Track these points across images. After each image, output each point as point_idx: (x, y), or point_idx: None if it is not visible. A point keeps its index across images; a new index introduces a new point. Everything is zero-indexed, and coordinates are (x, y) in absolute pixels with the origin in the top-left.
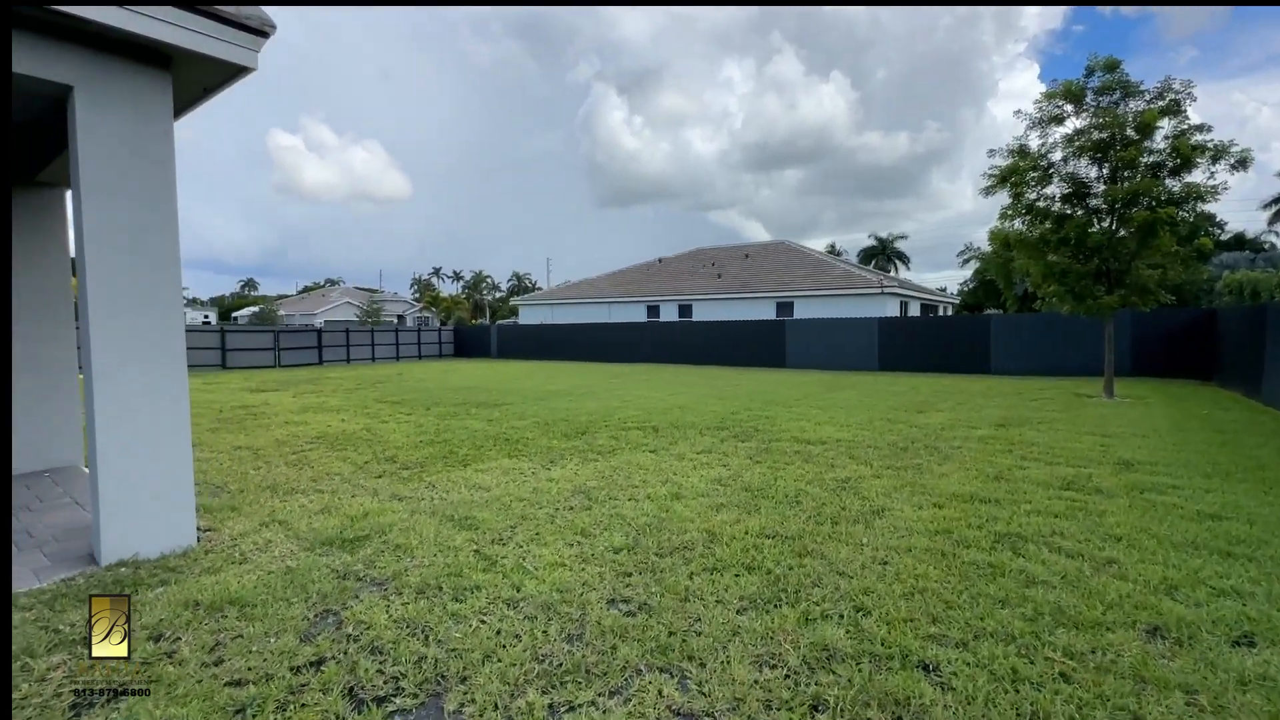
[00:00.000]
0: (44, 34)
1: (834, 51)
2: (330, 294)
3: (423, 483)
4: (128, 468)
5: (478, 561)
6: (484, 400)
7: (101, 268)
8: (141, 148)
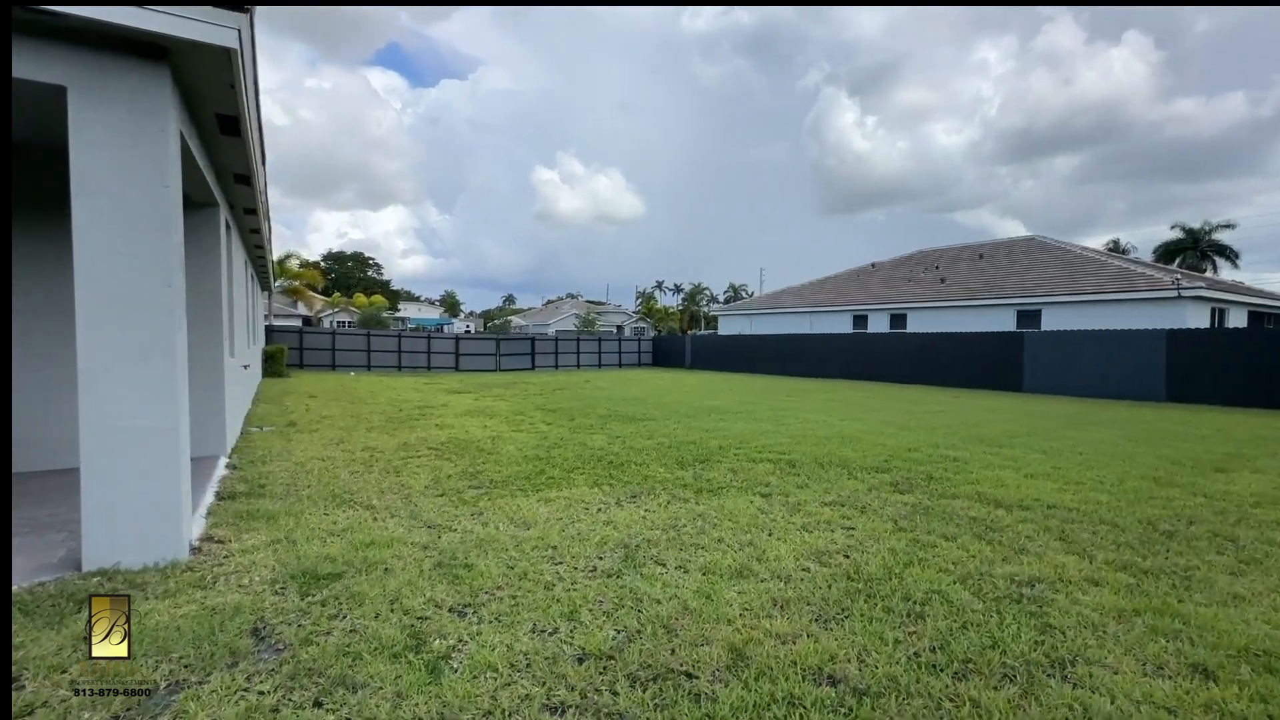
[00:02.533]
0: (35, 35)
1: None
2: (562, 306)
3: (474, 509)
4: (113, 472)
5: (405, 638)
6: (631, 414)
7: (90, 267)
8: (133, 145)
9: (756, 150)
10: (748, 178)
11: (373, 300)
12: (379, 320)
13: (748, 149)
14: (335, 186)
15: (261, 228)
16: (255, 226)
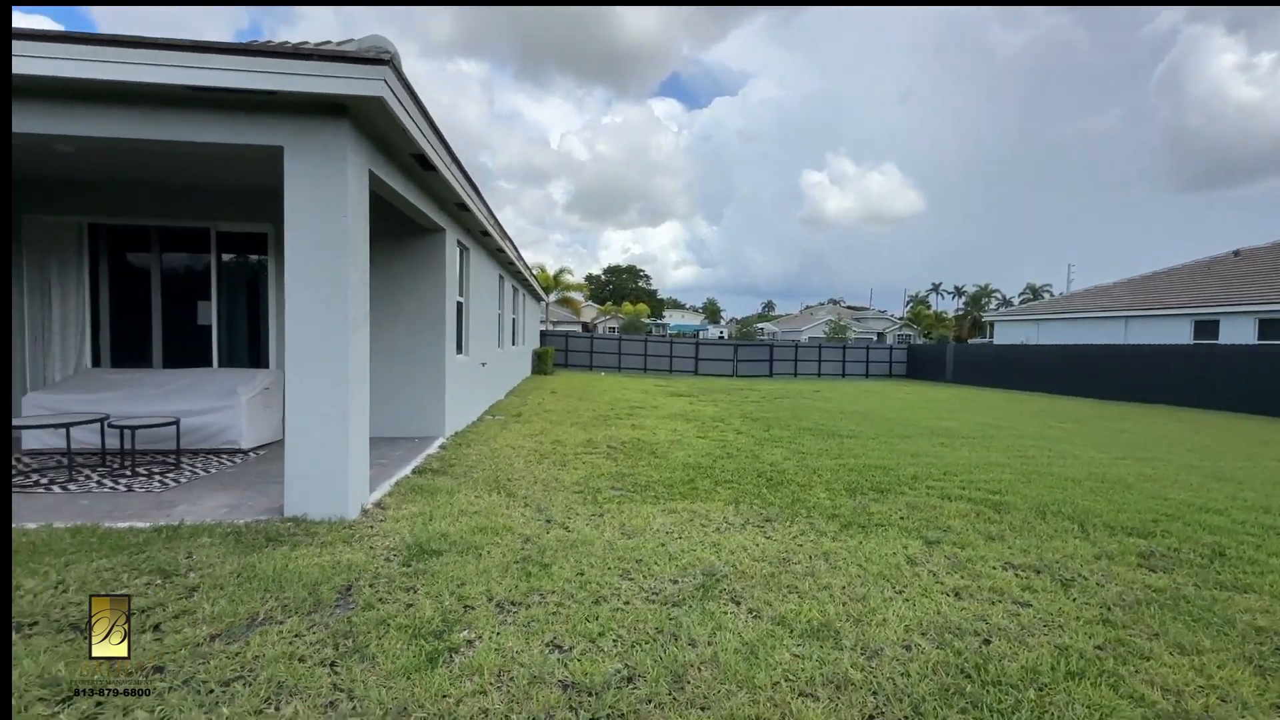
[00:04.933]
0: (264, 110)
1: None
2: (817, 312)
3: (597, 510)
4: (304, 448)
5: (437, 623)
6: (836, 429)
7: (293, 282)
8: (322, 187)
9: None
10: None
11: (637, 308)
12: (636, 326)
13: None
14: (622, 207)
15: (504, 247)
16: (498, 246)
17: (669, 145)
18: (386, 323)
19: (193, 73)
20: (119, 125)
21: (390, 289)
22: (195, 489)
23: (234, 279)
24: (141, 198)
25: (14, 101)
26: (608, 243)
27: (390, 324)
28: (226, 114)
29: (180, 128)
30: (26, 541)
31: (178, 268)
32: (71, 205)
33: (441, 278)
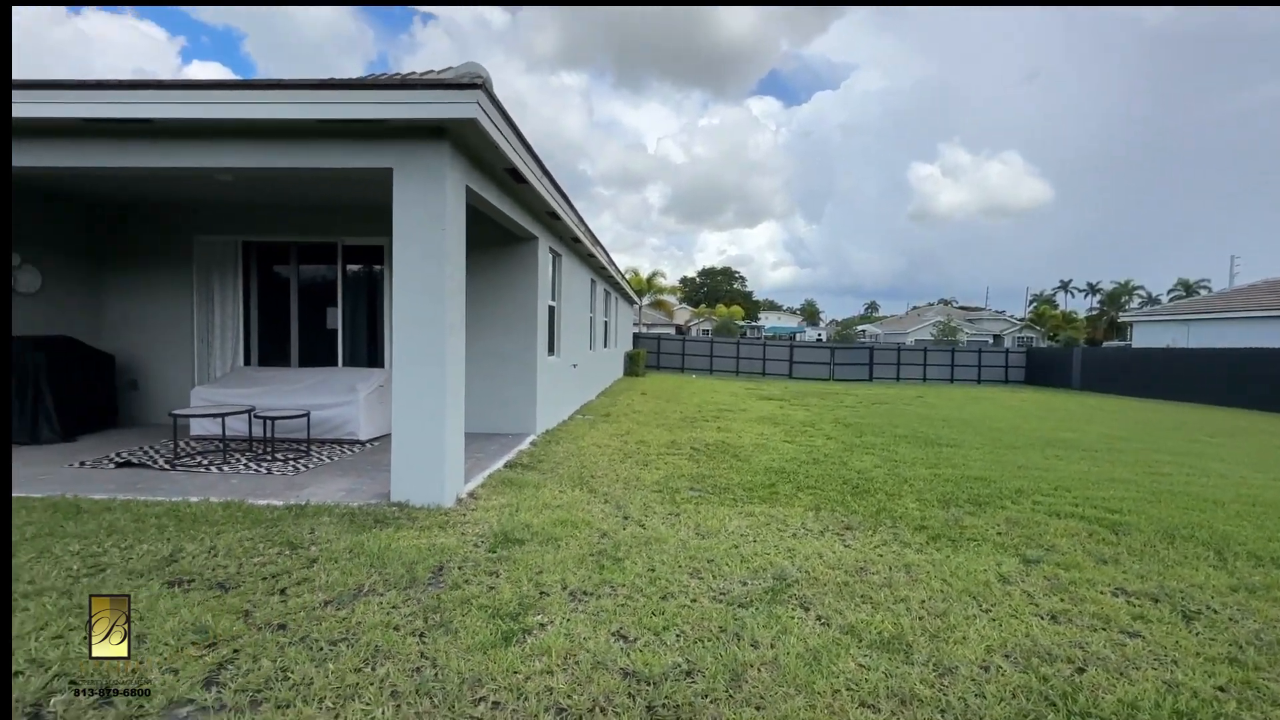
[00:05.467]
0: (376, 137)
1: None
2: (925, 313)
3: (674, 510)
4: (407, 440)
5: (514, 606)
6: (936, 437)
7: (398, 290)
8: (424, 203)
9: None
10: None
11: (730, 310)
12: (729, 329)
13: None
14: (718, 209)
15: (595, 253)
16: (589, 252)
17: (767, 144)
18: (484, 326)
19: (319, 107)
20: (264, 156)
21: (488, 294)
22: (320, 474)
23: (357, 287)
24: (283, 217)
25: (192, 141)
26: (703, 245)
27: (487, 327)
28: (346, 141)
29: (309, 155)
30: (189, 512)
31: (312, 278)
32: (229, 226)
33: (534, 283)
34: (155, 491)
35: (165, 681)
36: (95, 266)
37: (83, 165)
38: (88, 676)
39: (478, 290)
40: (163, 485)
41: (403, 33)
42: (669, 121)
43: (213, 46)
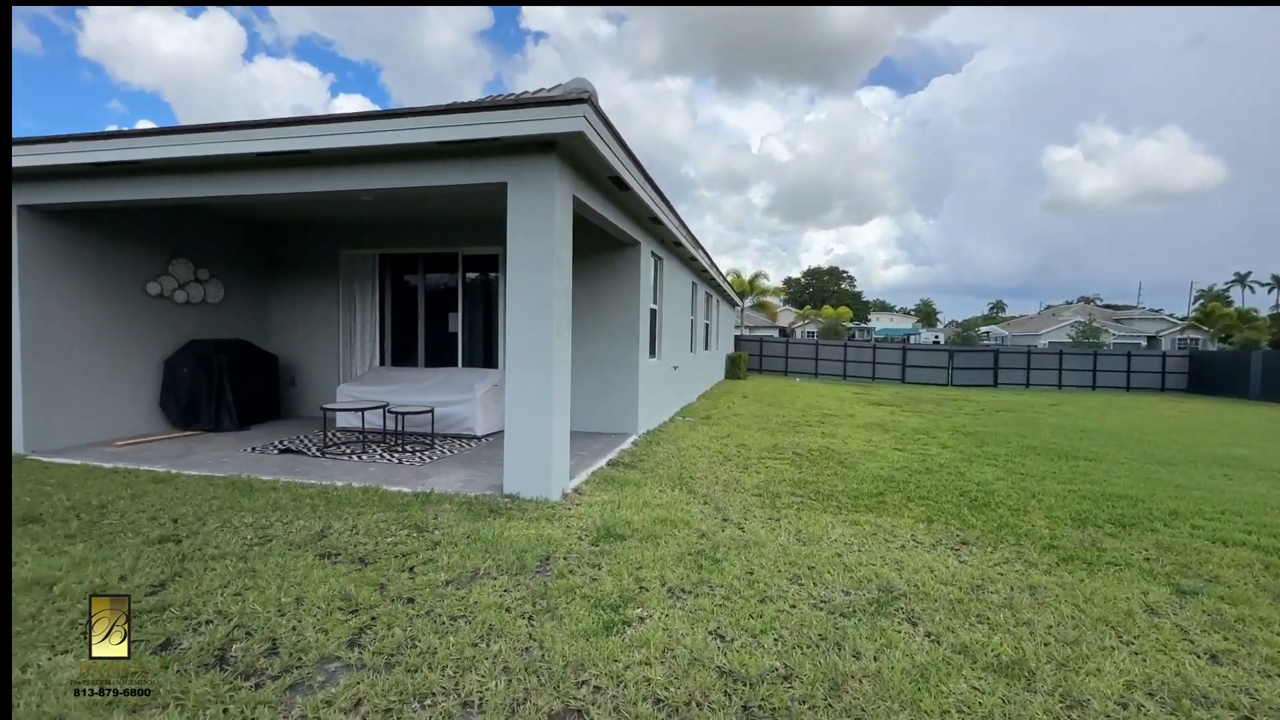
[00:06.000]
0: (493, 154)
1: None
2: (1062, 313)
3: (774, 514)
4: (517, 437)
5: (615, 598)
6: (1072, 450)
7: (510, 294)
8: (534, 214)
9: None
10: None
11: (838, 312)
12: (836, 331)
13: None
14: (825, 207)
15: (696, 256)
16: (690, 255)
17: (878, 136)
18: (588, 329)
19: (444, 130)
20: (399, 177)
21: (592, 299)
22: (443, 465)
23: (474, 293)
24: (412, 231)
25: (341, 167)
26: (809, 245)
27: (591, 330)
28: (467, 159)
29: (436, 174)
30: (336, 494)
31: (436, 285)
32: (369, 241)
33: (636, 287)
34: (309, 475)
35: (317, 639)
36: (263, 279)
37: (256, 193)
38: (261, 628)
39: (582, 295)
40: (315, 470)
41: (515, 52)
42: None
43: (355, 80)
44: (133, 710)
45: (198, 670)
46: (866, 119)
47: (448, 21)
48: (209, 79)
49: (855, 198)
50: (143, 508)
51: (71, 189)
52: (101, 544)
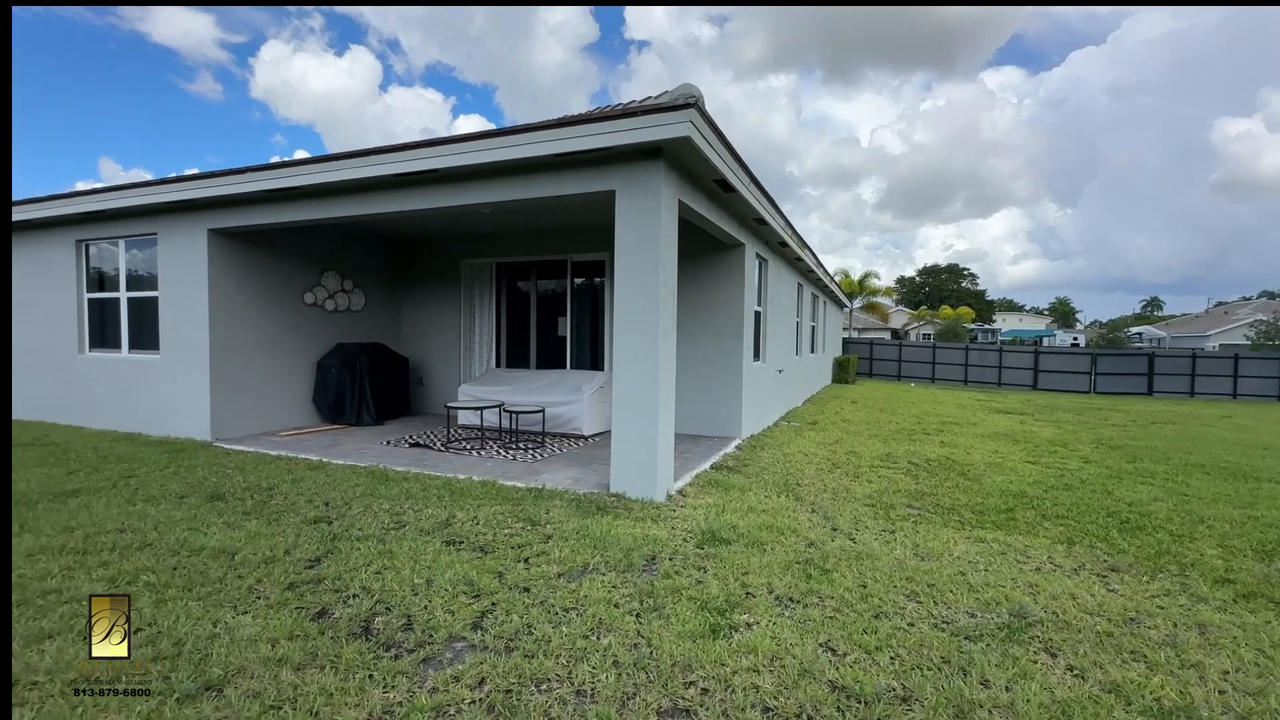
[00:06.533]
0: (602, 163)
1: None
2: (1236, 311)
3: (889, 526)
4: (624, 437)
5: (721, 601)
6: (1250, 469)
7: (619, 297)
8: (641, 219)
9: None
10: None
11: (959, 312)
12: (955, 332)
13: None
14: (943, 200)
15: (802, 256)
16: (796, 256)
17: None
18: (692, 332)
19: (555, 143)
20: (515, 189)
21: (695, 301)
22: (553, 463)
23: (582, 298)
24: (525, 240)
25: (464, 183)
26: (924, 241)
27: (696, 333)
28: (577, 170)
29: (548, 185)
30: (458, 486)
31: (546, 291)
32: (487, 250)
33: (740, 289)
34: (435, 467)
35: (445, 619)
36: (396, 288)
37: (392, 210)
38: (398, 605)
39: (686, 297)
40: (440, 463)
41: (620, 63)
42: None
43: (474, 101)
44: (298, 667)
45: (347, 638)
46: (992, 102)
47: (556, 39)
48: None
49: (978, 188)
50: (301, 491)
51: (246, 213)
52: (270, 521)
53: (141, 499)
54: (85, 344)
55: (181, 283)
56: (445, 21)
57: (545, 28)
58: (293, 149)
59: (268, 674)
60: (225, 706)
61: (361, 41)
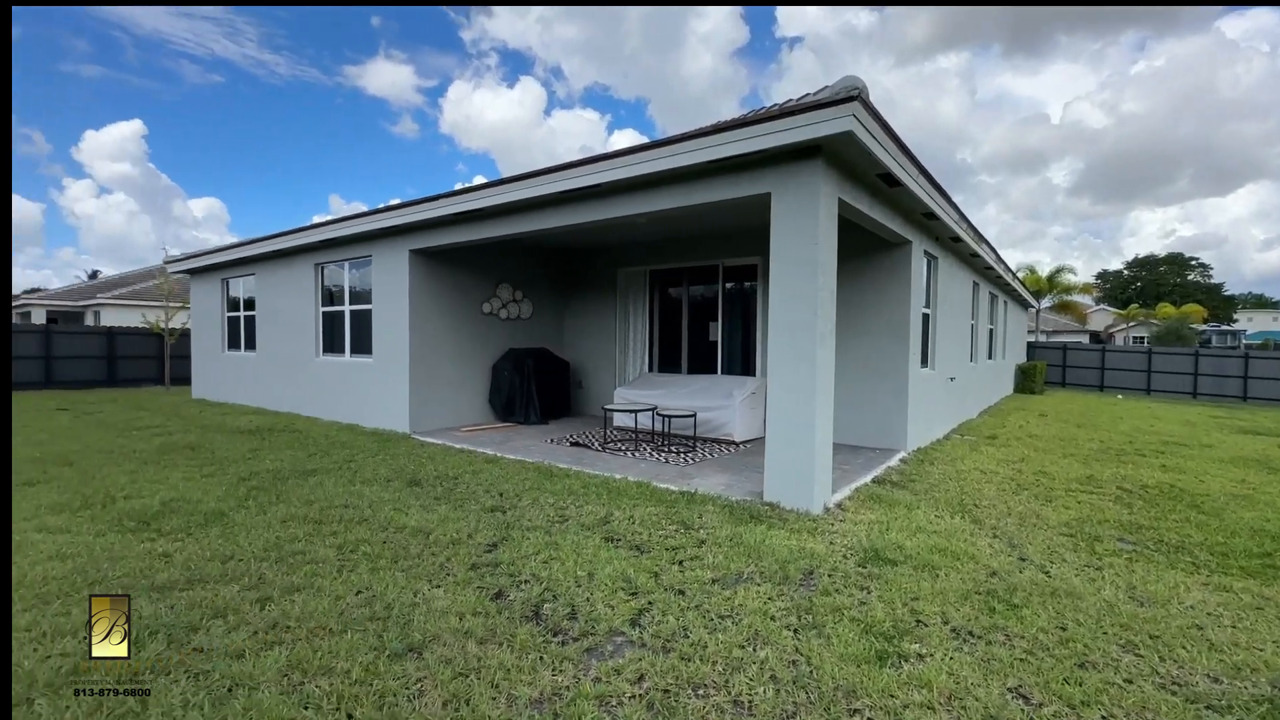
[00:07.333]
0: (755, 167)
1: None
2: None
3: (1094, 561)
4: (779, 445)
5: (888, 626)
6: None
7: (773, 299)
8: (798, 220)
9: None
10: None
11: (1184, 310)
12: (1179, 334)
13: None
14: (1162, 178)
15: (979, 252)
16: (972, 251)
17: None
18: (851, 336)
19: (710, 150)
20: (671, 198)
21: (854, 304)
22: (704, 468)
23: (732, 303)
24: (677, 247)
25: (622, 196)
26: (1134, 228)
27: (855, 337)
28: (731, 174)
29: (703, 192)
30: (615, 486)
31: (697, 296)
32: (640, 258)
33: (906, 290)
34: (594, 466)
35: (605, 613)
36: (558, 296)
37: (558, 225)
38: (564, 594)
39: (845, 300)
40: (598, 463)
41: (771, 63)
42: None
43: (627, 116)
44: (481, 641)
45: (520, 620)
46: (1233, 54)
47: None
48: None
49: (1213, 160)
50: (480, 482)
51: (439, 234)
52: (455, 507)
53: (359, 480)
54: (320, 349)
55: (389, 297)
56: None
57: (695, 37)
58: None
59: (457, 644)
60: (424, 668)
61: (529, 72)
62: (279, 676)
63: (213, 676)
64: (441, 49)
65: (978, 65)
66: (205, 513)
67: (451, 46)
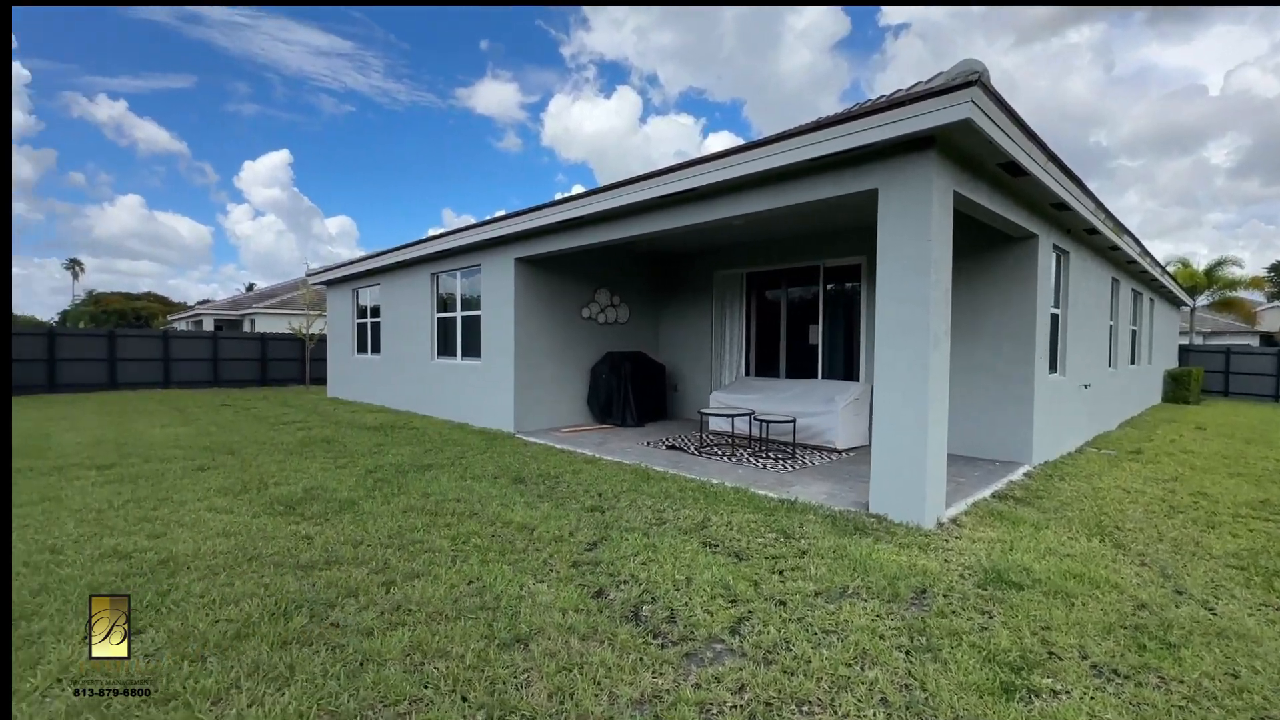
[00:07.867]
0: (861, 162)
1: None
2: None
3: (1269, 600)
4: (887, 454)
5: (1013, 657)
6: None
7: (881, 308)
8: (908, 216)
9: None
10: None
11: None
12: None
13: None
14: None
15: (1119, 244)
16: (1110, 244)
17: None
18: (966, 338)
19: (811, 148)
20: (769, 199)
21: (971, 304)
22: (804, 475)
23: (834, 305)
24: (774, 249)
25: (720, 198)
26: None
27: (970, 340)
28: (834, 171)
29: (804, 191)
30: (712, 490)
31: (795, 299)
32: (736, 261)
33: (1032, 289)
34: (690, 470)
35: (704, 619)
36: (654, 301)
37: (655, 230)
38: (662, 597)
39: (960, 299)
40: (694, 466)
41: (873, 54)
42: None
43: (722, 119)
44: (583, 638)
45: (620, 619)
46: None
47: (803, 42)
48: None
49: None
50: (579, 481)
51: (542, 243)
52: (557, 505)
53: (469, 476)
54: (435, 352)
55: (496, 303)
56: (697, 49)
57: (793, 34)
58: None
59: (560, 639)
60: (530, 660)
61: (626, 82)
62: (402, 655)
63: (346, 651)
64: (543, 65)
65: (1115, 37)
66: (339, 500)
67: (552, 62)
